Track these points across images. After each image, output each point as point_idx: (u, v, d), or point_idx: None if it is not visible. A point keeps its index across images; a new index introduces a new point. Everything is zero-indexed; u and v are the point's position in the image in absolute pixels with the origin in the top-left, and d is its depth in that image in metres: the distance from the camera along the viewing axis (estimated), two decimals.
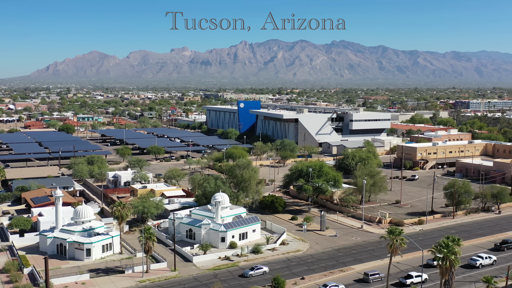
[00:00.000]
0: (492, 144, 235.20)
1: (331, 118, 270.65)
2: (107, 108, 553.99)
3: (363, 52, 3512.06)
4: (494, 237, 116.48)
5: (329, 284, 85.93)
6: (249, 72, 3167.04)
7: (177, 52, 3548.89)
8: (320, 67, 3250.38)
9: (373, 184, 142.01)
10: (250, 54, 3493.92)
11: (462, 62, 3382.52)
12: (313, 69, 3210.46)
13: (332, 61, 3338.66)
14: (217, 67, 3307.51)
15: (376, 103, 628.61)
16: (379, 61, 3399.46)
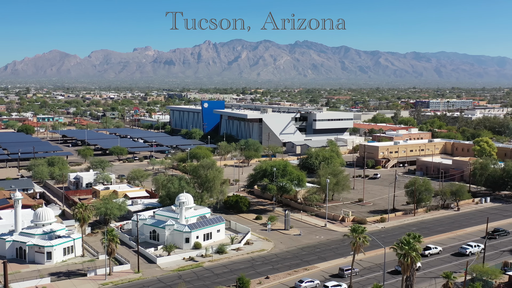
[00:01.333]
0: (451, 142, 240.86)
1: (295, 118, 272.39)
2: (68, 108, 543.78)
3: (326, 53, 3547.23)
4: (453, 234, 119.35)
5: (305, 280, 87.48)
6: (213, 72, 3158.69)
7: (140, 51, 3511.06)
8: (284, 67, 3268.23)
9: (337, 183, 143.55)
10: (214, 54, 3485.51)
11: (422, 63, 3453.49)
12: (277, 69, 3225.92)
13: (296, 61, 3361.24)
14: (180, 66, 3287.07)
15: (339, 103, 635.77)
16: (341, 61, 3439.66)
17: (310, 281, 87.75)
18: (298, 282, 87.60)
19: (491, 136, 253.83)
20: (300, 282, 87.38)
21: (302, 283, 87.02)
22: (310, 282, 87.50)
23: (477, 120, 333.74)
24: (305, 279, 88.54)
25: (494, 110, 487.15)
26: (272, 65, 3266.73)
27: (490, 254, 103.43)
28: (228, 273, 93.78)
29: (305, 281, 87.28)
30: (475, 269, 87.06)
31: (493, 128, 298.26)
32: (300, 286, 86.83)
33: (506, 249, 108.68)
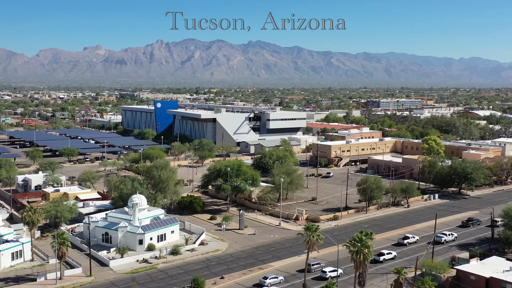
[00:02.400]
0: (401, 141, 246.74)
1: (248, 118, 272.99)
2: (15, 108, 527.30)
3: (279, 53, 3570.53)
4: (404, 230, 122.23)
5: (269, 276, 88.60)
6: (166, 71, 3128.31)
7: (90, 50, 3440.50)
8: (237, 67, 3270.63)
9: (290, 182, 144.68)
10: (166, 53, 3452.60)
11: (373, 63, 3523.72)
12: (230, 69, 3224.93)
13: (249, 61, 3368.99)
14: (132, 66, 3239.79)
15: (292, 103, 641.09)
16: (294, 61, 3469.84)
17: (274, 277, 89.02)
18: (263, 278, 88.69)
19: (438, 135, 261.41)
20: (265, 278, 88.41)
21: (266, 279, 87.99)
22: (275, 278, 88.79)
23: (426, 119, 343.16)
24: (270, 275, 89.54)
25: (441, 110, 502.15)
26: (226, 65, 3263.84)
27: (439, 249, 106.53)
28: (182, 274, 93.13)
29: (269, 278, 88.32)
30: (424, 264, 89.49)
31: (440, 127, 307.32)
32: (264, 282, 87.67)
33: (454, 244, 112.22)
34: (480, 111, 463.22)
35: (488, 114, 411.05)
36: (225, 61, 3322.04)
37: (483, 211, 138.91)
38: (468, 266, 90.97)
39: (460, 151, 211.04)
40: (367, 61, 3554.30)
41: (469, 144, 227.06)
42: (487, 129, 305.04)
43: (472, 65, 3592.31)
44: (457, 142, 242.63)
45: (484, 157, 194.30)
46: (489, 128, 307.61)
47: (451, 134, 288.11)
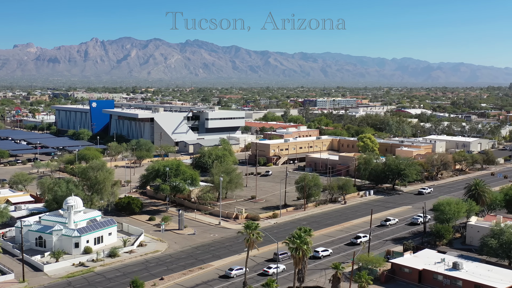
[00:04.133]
0: (338, 139, 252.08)
1: (187, 117, 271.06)
2: None
3: (217, 52, 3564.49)
4: (341, 226, 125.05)
5: (235, 268, 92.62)
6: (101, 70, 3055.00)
7: (21, 48, 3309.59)
8: (175, 66, 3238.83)
9: (230, 181, 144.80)
10: (101, 51, 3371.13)
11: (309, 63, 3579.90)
12: (168, 68, 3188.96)
13: (187, 60, 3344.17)
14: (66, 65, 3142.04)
15: (231, 102, 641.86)
16: (232, 60, 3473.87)
17: (239, 268, 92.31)
18: (228, 270, 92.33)
19: (373, 133, 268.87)
20: (230, 270, 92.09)
21: (232, 271, 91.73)
22: (240, 269, 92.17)
23: (361, 118, 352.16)
24: (235, 267, 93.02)
25: (375, 108, 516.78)
26: (163, 64, 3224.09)
27: (375, 244, 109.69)
28: (121, 277, 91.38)
29: (235, 269, 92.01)
30: (361, 259, 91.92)
31: (375, 125, 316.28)
32: (230, 274, 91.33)
33: (389, 238, 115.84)
34: (412, 109, 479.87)
35: (419, 113, 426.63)
36: (163, 60, 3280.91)
37: (415, 205, 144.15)
38: (402, 259, 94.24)
39: (393, 149, 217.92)
40: (304, 61, 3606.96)
41: (402, 142, 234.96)
42: (419, 127, 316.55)
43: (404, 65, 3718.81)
44: (391, 140, 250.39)
45: (416, 154, 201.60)
46: (420, 126, 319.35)
47: (385, 132, 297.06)
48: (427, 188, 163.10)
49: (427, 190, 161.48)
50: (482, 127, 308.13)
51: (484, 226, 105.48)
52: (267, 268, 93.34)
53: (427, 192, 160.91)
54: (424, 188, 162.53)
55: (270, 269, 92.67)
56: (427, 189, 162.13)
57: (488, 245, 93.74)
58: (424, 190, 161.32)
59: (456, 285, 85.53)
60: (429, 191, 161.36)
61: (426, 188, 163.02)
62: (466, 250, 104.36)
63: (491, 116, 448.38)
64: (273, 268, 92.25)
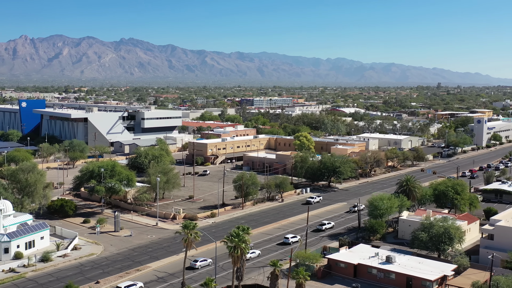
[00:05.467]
0: (274, 138, 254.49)
1: (122, 117, 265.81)
2: None
3: (152, 51, 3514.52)
4: (279, 224, 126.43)
5: (199, 259, 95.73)
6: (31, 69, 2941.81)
7: None
8: (109, 65, 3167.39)
9: (167, 181, 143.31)
10: (31, 49, 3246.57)
11: (246, 62, 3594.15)
12: (102, 67, 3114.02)
13: (122, 59, 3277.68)
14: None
15: (167, 101, 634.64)
16: (168, 60, 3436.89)
17: (203, 260, 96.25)
18: (193, 261, 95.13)
19: (309, 131, 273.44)
20: (195, 261, 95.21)
21: (196, 262, 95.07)
22: (204, 260, 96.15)
23: (297, 117, 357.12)
24: (199, 258, 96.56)
25: (311, 107, 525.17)
26: (97, 63, 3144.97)
27: (312, 240, 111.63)
28: (54, 282, 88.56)
29: (199, 260, 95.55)
30: (298, 256, 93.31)
31: (310, 124, 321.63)
32: (195, 265, 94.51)
33: (325, 234, 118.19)
34: (346, 108, 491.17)
35: (353, 112, 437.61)
36: (96, 58, 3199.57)
37: (350, 202, 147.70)
38: (338, 255, 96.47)
39: (329, 147, 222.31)
40: (241, 61, 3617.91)
41: (337, 140, 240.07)
42: (353, 125, 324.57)
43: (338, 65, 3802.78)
44: (326, 138, 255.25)
45: (350, 151, 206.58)
46: (354, 125, 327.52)
47: (321, 130, 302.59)
48: (316, 197, 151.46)
49: (316, 199, 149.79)
50: (412, 125, 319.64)
51: (415, 220, 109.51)
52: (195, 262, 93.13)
53: (316, 201, 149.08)
54: (312, 197, 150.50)
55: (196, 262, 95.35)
56: (316, 198, 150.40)
57: (419, 239, 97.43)
58: (312, 199, 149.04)
59: (389, 278, 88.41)
60: (317, 200, 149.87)
61: (314, 197, 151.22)
62: (398, 244, 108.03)
63: (421, 114, 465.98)
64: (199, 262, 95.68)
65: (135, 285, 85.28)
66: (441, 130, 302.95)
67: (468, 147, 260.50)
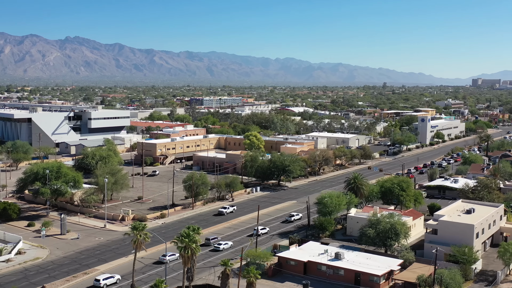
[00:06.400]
0: (224, 137, 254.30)
1: (68, 117, 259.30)
2: None
3: (99, 49, 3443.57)
4: (229, 223, 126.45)
5: (168, 254, 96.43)
6: None
7: None
8: (54, 63, 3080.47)
9: (115, 182, 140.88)
10: None
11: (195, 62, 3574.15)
12: (46, 66, 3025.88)
13: (67, 57, 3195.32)
14: None
15: (115, 101, 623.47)
16: (116, 59, 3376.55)
17: (172, 254, 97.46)
18: (162, 256, 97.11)
19: (259, 131, 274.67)
20: (164, 256, 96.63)
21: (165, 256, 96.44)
22: (173, 255, 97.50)
23: (247, 116, 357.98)
24: (168, 253, 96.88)
25: (260, 107, 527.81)
26: (41, 62, 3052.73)
27: (262, 239, 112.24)
28: None
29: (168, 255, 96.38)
30: (249, 254, 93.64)
31: (260, 123, 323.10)
32: (164, 259, 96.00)
33: (275, 233, 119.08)
34: (295, 108, 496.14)
35: (302, 111, 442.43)
36: (40, 57, 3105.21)
37: (300, 200, 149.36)
38: (288, 253, 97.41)
39: (278, 146, 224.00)
40: (190, 60, 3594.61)
41: (286, 139, 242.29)
42: (302, 124, 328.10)
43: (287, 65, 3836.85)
44: (276, 137, 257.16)
45: (299, 150, 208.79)
46: (303, 124, 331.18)
47: (270, 129, 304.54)
48: (229, 207, 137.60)
49: (229, 209, 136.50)
50: (359, 124, 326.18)
51: (362, 217, 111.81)
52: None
53: (229, 211, 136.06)
54: (225, 207, 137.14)
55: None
56: (229, 208, 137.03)
57: (366, 235, 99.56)
58: (224, 209, 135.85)
59: (338, 274, 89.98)
60: (231, 210, 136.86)
61: (227, 207, 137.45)
62: (347, 241, 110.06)
63: (367, 113, 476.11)
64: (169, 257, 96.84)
65: (112, 277, 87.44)
66: (387, 129, 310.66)
67: (413, 145, 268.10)
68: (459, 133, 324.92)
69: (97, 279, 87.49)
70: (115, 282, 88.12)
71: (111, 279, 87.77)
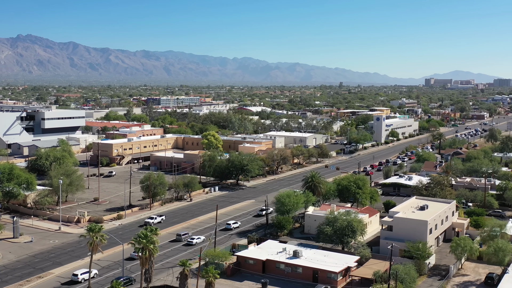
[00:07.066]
0: (182, 137, 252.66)
1: (20, 117, 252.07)
2: None
3: (52, 48, 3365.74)
4: (187, 223, 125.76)
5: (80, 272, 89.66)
6: None
7: None
8: (5, 62, 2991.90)
9: (70, 184, 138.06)
10: None
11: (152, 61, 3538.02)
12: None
13: (19, 56, 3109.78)
14: None
15: (70, 101, 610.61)
16: (70, 57, 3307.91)
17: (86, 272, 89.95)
18: (133, 252, 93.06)
19: (217, 130, 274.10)
20: (135, 252, 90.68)
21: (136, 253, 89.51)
22: (87, 272, 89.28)
23: (204, 116, 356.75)
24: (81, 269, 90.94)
25: (218, 106, 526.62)
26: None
27: (221, 238, 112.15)
28: None
29: (80, 273, 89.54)
30: (208, 254, 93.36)
31: (218, 123, 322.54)
32: (135, 255, 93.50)
33: (234, 232, 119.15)
34: (253, 107, 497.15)
35: (260, 110, 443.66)
36: None
37: (258, 199, 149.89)
38: (246, 252, 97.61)
39: (236, 145, 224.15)
40: (147, 59, 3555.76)
41: (244, 138, 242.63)
42: (259, 124, 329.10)
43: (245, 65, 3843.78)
44: (234, 137, 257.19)
45: (257, 149, 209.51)
46: (261, 123, 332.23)
47: (228, 129, 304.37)
48: (156, 216, 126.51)
49: (157, 219, 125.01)
50: (316, 123, 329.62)
51: (320, 215, 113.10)
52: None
53: (157, 221, 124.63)
54: (152, 217, 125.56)
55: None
56: (157, 218, 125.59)
57: (324, 233, 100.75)
58: (151, 219, 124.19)
59: (296, 272, 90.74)
60: (159, 220, 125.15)
61: (155, 217, 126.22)
62: (305, 239, 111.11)
63: (324, 112, 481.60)
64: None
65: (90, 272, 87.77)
66: (343, 128, 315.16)
67: (369, 144, 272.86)
68: (413, 132, 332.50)
69: (75, 273, 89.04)
70: (93, 276, 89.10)
71: (88, 273, 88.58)
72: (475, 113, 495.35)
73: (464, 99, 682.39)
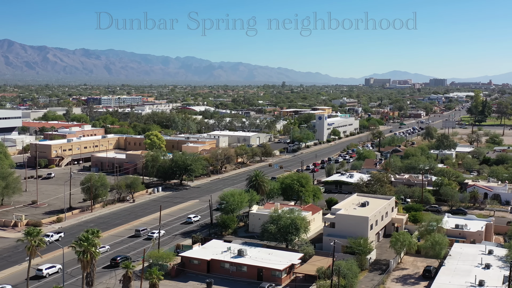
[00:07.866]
0: (124, 137, 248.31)
1: None
2: None
3: None
4: (130, 225, 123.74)
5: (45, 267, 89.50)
6: None
7: None
8: None
9: (6, 186, 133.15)
10: None
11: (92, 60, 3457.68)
12: None
13: None
14: None
15: (5, 101, 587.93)
16: (5, 56, 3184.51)
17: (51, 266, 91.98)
18: (38, 270, 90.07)
19: (160, 130, 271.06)
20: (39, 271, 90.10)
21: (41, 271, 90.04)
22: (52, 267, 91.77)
23: (147, 115, 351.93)
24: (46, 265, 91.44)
25: (161, 106, 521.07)
26: None
27: (165, 239, 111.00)
28: None
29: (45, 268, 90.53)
30: (151, 255, 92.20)
31: (161, 122, 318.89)
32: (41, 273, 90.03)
33: (178, 232, 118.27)
34: (196, 107, 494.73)
35: (203, 110, 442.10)
36: None
37: (202, 199, 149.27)
38: (191, 252, 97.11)
39: (180, 145, 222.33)
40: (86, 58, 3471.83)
41: (188, 138, 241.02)
42: (203, 123, 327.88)
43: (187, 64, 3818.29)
44: (177, 136, 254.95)
45: (201, 149, 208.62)
46: (205, 123, 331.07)
47: (171, 129, 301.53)
48: (53, 234, 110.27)
49: (54, 237, 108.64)
50: (260, 122, 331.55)
51: (264, 214, 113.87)
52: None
53: (54, 239, 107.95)
54: (47, 235, 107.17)
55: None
56: (54, 236, 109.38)
57: (268, 231, 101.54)
58: (47, 237, 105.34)
59: (241, 271, 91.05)
60: (56, 238, 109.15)
61: (51, 234, 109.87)
62: (249, 237, 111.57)
63: (268, 112, 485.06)
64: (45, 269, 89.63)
65: (54, 266, 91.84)
66: (286, 127, 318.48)
67: (311, 142, 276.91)
68: (353, 130, 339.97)
69: (40, 268, 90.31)
70: (57, 271, 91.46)
71: (53, 268, 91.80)
72: (412, 111, 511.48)
73: (402, 98, 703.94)
